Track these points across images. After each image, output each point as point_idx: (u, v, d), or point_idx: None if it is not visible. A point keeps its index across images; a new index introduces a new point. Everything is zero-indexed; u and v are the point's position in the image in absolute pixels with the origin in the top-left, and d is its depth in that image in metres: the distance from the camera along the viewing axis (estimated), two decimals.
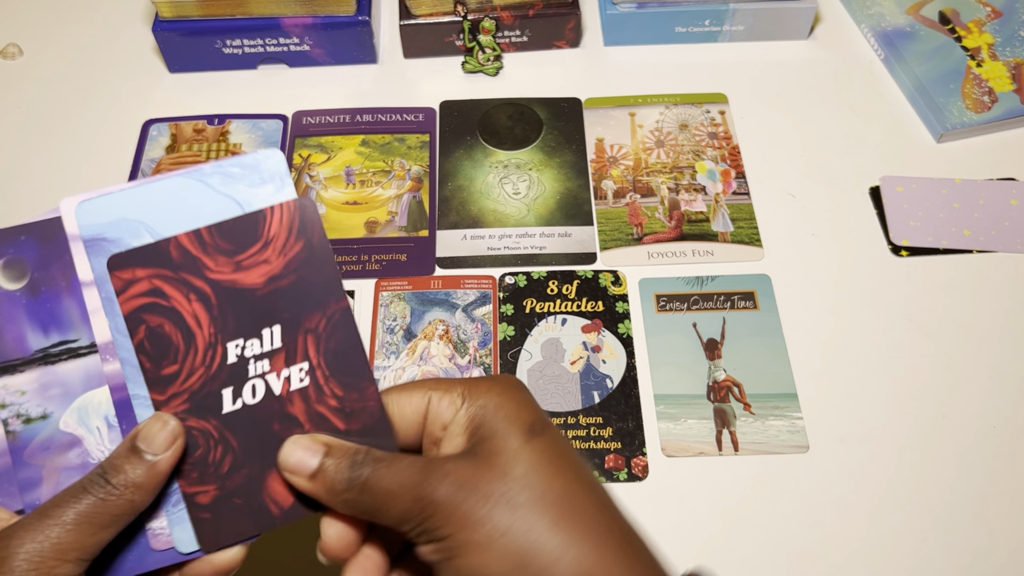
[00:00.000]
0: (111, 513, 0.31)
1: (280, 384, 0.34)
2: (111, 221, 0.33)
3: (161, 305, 0.33)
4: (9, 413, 0.34)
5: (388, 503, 0.31)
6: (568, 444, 0.34)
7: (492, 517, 0.30)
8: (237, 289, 0.34)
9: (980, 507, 0.53)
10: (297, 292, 0.34)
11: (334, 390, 0.34)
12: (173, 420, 0.33)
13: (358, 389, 0.35)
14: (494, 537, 0.30)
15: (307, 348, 0.34)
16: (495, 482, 0.31)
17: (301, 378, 0.34)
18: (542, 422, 0.33)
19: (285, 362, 0.34)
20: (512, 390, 0.34)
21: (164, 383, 0.33)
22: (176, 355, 0.33)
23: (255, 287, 0.34)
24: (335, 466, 0.32)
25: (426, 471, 0.31)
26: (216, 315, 0.33)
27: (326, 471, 0.32)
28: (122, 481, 0.31)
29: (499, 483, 0.31)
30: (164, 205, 0.34)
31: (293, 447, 0.33)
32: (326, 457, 0.33)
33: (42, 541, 0.30)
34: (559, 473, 0.32)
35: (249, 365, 0.34)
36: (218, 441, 0.34)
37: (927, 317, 0.60)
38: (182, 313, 0.33)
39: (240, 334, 0.34)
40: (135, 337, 0.33)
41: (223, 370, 0.34)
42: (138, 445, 0.32)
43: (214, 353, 0.33)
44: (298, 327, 0.34)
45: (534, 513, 0.30)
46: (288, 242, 0.34)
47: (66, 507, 0.30)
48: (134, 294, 0.33)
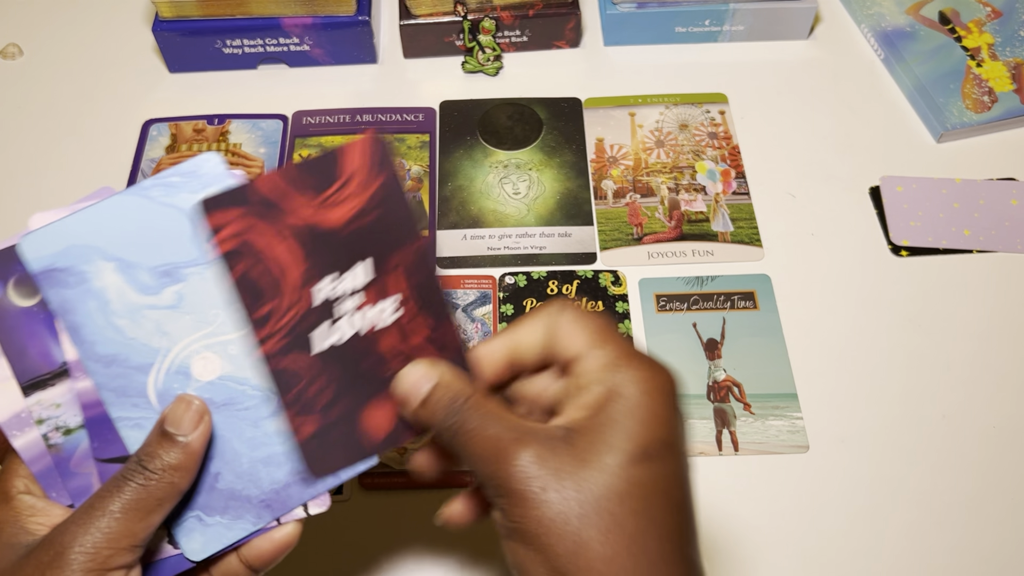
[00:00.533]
0: (155, 497, 0.31)
1: (372, 318, 0.35)
2: (60, 250, 0.34)
3: (252, 246, 0.33)
4: (49, 427, 0.34)
5: (471, 458, 0.31)
6: (677, 484, 0.31)
7: (553, 525, 0.29)
8: (324, 228, 0.34)
9: (980, 507, 0.53)
10: (381, 228, 0.34)
11: (427, 321, 0.35)
12: (197, 400, 0.33)
13: (443, 322, 0.35)
14: (546, 545, 0.29)
15: (398, 282, 0.35)
16: (572, 489, 0.29)
17: (395, 310, 0.35)
18: (664, 447, 0.30)
19: (376, 296, 0.34)
20: (656, 395, 0.31)
21: (260, 324, 0.34)
22: (268, 295, 0.34)
23: (341, 225, 0.34)
24: (437, 404, 0.33)
25: (517, 446, 0.30)
26: (305, 254, 0.34)
27: (428, 407, 0.33)
28: (159, 466, 0.31)
29: (575, 494, 0.29)
30: (111, 225, 0.34)
31: (407, 374, 0.34)
32: (435, 389, 0.33)
33: (94, 533, 0.30)
34: (640, 514, 0.29)
35: (340, 302, 0.34)
36: (315, 377, 0.34)
37: (927, 317, 0.60)
38: (272, 254, 0.33)
39: (330, 271, 0.34)
40: (231, 278, 0.33)
41: (315, 309, 0.34)
42: (167, 429, 0.32)
43: (305, 292, 0.34)
44: (386, 262, 0.34)
45: (590, 546, 0.28)
46: (368, 178, 0.34)
47: (111, 498, 0.31)
48: (226, 236, 0.33)
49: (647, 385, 0.31)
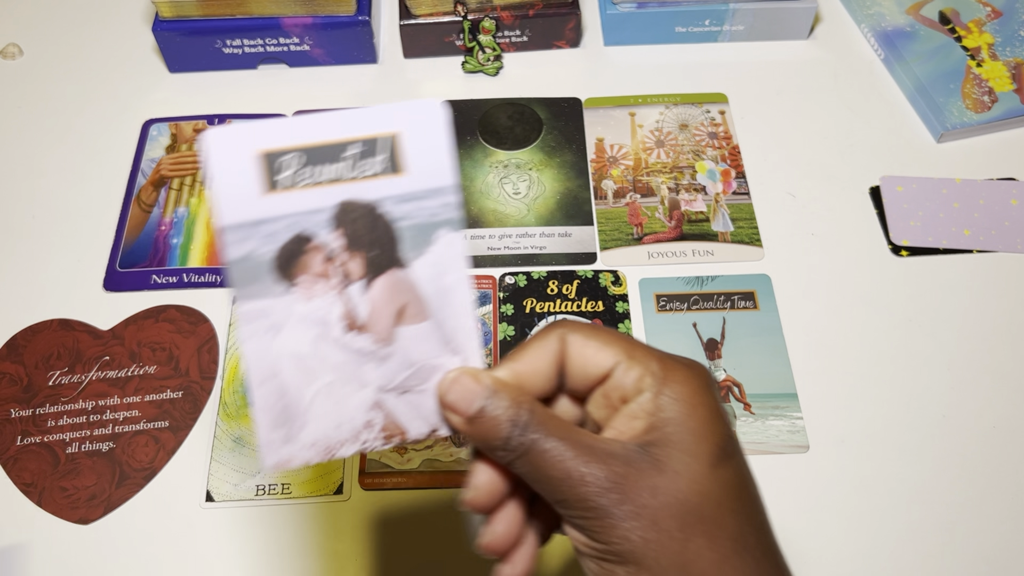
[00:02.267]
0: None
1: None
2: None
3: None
4: None
5: (541, 480, 0.30)
6: (751, 475, 0.31)
7: (656, 541, 0.28)
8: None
9: (980, 507, 0.53)
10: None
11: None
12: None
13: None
14: (653, 562, 0.28)
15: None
16: (667, 501, 0.28)
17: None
18: (732, 440, 0.30)
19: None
20: (704, 392, 0.30)
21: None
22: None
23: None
24: (496, 418, 0.30)
25: (597, 465, 0.29)
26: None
27: (487, 420, 0.30)
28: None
29: (672, 506, 0.28)
30: None
31: (454, 382, 0.31)
32: (489, 401, 0.30)
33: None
34: (737, 512, 0.29)
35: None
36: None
37: (927, 317, 0.60)
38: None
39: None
40: None
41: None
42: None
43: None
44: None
45: (700, 554, 0.28)
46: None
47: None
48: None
49: (694, 384, 0.30)
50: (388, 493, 0.53)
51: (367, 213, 0.31)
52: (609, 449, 0.30)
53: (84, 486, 0.53)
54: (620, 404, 0.31)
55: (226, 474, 0.54)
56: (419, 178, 0.31)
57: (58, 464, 0.54)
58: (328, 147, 0.31)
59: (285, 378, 0.32)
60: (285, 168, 0.30)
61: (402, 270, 0.32)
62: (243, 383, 0.57)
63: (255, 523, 0.52)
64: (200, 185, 0.66)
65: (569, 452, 0.29)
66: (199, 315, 0.60)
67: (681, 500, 0.28)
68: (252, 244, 0.30)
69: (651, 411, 0.30)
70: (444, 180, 0.32)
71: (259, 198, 0.30)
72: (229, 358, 0.58)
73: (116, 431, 0.55)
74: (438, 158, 0.31)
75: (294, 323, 0.31)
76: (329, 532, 0.52)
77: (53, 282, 0.62)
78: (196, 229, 0.64)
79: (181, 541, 0.52)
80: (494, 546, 0.32)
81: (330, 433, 0.32)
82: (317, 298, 0.31)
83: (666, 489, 0.29)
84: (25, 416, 0.56)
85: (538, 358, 0.32)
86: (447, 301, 0.32)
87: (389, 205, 0.31)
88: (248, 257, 0.31)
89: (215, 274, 0.62)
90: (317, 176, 0.31)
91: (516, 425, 0.30)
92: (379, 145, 0.31)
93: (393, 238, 0.32)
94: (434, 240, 0.32)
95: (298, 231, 0.31)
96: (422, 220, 0.32)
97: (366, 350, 0.32)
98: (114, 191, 0.66)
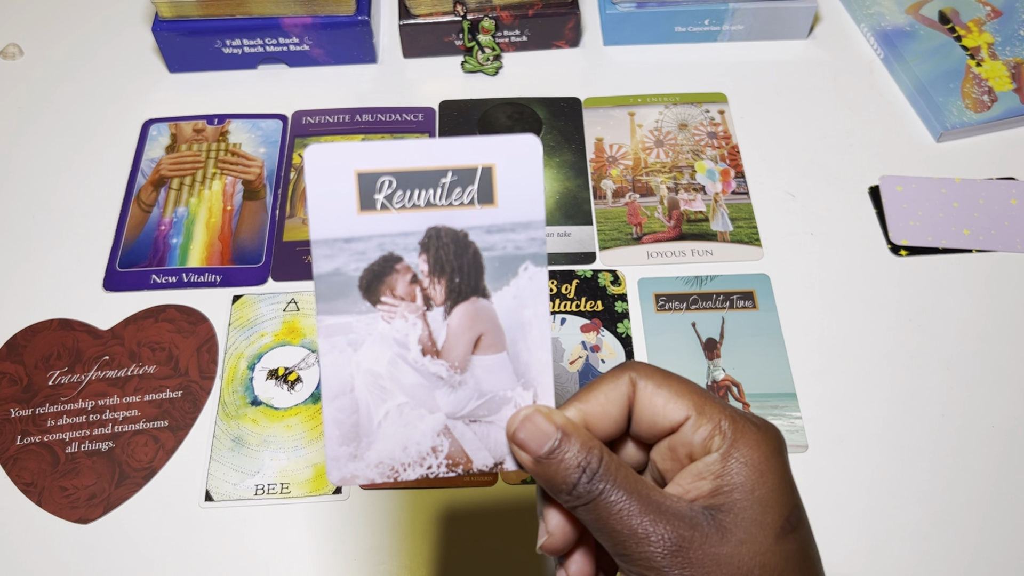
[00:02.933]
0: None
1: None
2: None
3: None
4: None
5: (604, 531, 0.29)
6: (814, 546, 0.30)
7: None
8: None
9: (979, 506, 0.53)
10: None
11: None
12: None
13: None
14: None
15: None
16: (729, 569, 0.28)
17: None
18: (798, 511, 0.30)
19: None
20: (775, 458, 0.30)
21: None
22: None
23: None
24: (565, 462, 0.30)
25: (662, 525, 0.29)
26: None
27: (555, 464, 0.30)
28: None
29: (734, 574, 0.28)
30: None
31: (526, 420, 0.31)
32: (563, 445, 0.30)
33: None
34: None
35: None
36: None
37: (926, 317, 0.60)
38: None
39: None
40: None
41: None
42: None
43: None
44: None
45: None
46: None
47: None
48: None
49: (765, 450, 0.30)
50: (387, 493, 0.53)
51: (455, 240, 0.32)
52: (675, 509, 0.29)
53: (84, 486, 0.53)
54: (687, 460, 0.31)
55: (225, 474, 0.54)
56: (509, 211, 0.32)
57: (58, 464, 0.54)
58: (424, 172, 0.31)
59: (358, 395, 0.32)
60: (380, 190, 0.31)
61: (483, 300, 0.32)
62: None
63: (254, 523, 0.52)
64: (199, 185, 0.67)
65: (635, 507, 0.29)
66: (199, 315, 0.60)
67: (744, 571, 0.28)
68: (341, 260, 0.31)
69: (719, 473, 0.29)
70: (534, 215, 0.32)
71: (352, 216, 0.31)
72: (228, 358, 0.58)
73: (116, 431, 0.55)
74: (530, 193, 0.32)
75: (373, 341, 0.32)
76: (328, 532, 0.52)
77: (53, 282, 0.62)
78: (196, 229, 0.64)
79: (180, 541, 0.52)
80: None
81: (396, 454, 0.32)
82: (398, 319, 0.32)
83: (729, 559, 0.28)
84: (25, 416, 0.56)
85: (608, 401, 0.31)
86: (524, 335, 0.32)
87: (477, 235, 0.32)
88: (336, 272, 0.31)
89: (214, 274, 0.62)
90: (410, 200, 0.31)
91: (585, 471, 0.29)
92: (473, 175, 0.31)
93: (478, 267, 0.32)
94: (518, 273, 0.32)
95: (387, 252, 0.31)
96: (508, 252, 0.32)
97: (440, 375, 0.33)
98: (114, 191, 0.67)
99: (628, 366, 0.32)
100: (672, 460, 0.31)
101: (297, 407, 0.56)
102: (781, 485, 0.30)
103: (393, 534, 0.52)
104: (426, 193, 0.31)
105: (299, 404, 0.56)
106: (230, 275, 0.62)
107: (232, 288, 0.61)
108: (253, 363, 0.58)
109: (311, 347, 0.59)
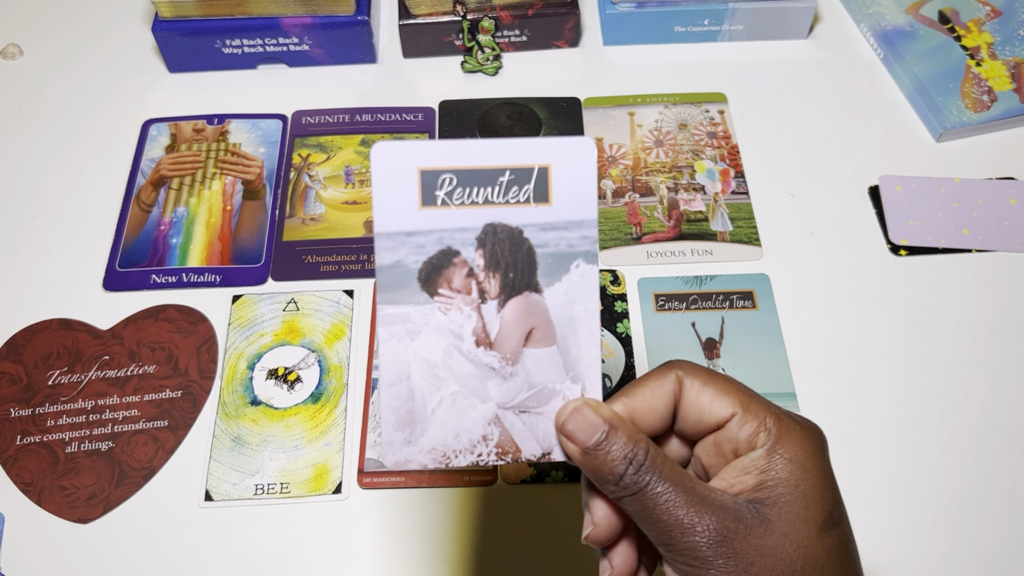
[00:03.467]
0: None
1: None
2: None
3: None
4: None
5: (650, 522, 0.30)
6: (854, 541, 0.31)
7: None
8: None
9: (979, 506, 0.53)
10: None
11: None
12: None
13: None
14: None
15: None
16: (772, 562, 0.29)
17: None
18: (840, 507, 0.31)
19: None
20: (818, 455, 0.31)
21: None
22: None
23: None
24: (612, 453, 0.30)
25: (707, 517, 0.29)
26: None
27: (602, 455, 0.30)
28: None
29: (776, 567, 0.29)
30: None
31: (575, 412, 0.32)
32: (610, 437, 0.31)
33: None
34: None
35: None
36: None
37: (926, 316, 0.60)
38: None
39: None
40: None
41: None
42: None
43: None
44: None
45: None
46: None
47: None
48: None
49: (809, 447, 0.31)
50: (387, 492, 0.53)
51: (511, 237, 0.33)
52: (720, 501, 0.30)
53: (83, 485, 0.53)
54: (731, 456, 0.31)
55: (225, 473, 0.54)
56: (563, 209, 0.33)
57: (57, 463, 0.54)
58: (483, 171, 0.33)
59: (414, 383, 0.33)
60: (441, 186, 0.32)
61: (536, 295, 0.34)
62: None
63: (254, 523, 0.52)
64: (199, 185, 0.67)
65: (681, 498, 0.29)
66: (198, 315, 0.60)
67: (787, 563, 0.29)
68: (402, 253, 0.33)
69: (763, 469, 0.30)
70: (587, 214, 0.33)
71: (414, 211, 0.33)
72: (228, 358, 0.58)
73: (115, 430, 0.55)
74: (584, 192, 0.33)
75: (429, 331, 0.33)
76: (328, 532, 0.52)
77: (53, 282, 0.62)
78: (195, 229, 0.64)
79: (180, 540, 0.52)
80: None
81: (448, 441, 0.34)
82: (454, 311, 0.33)
83: (773, 550, 0.29)
84: (24, 416, 0.56)
85: (654, 397, 0.32)
86: (574, 329, 0.34)
87: (532, 232, 0.33)
88: (397, 264, 0.33)
89: (214, 274, 0.62)
90: (469, 197, 0.33)
91: (631, 463, 0.30)
92: (530, 174, 0.33)
93: (532, 263, 0.33)
94: (569, 270, 0.33)
95: (445, 246, 0.33)
96: (561, 249, 0.33)
97: (492, 366, 0.34)
98: (114, 191, 0.67)
99: (674, 364, 0.33)
100: (717, 456, 0.32)
101: (297, 407, 0.56)
102: (824, 481, 0.30)
103: (393, 534, 0.52)
104: (484, 190, 0.33)
105: (299, 404, 0.56)
106: (230, 275, 0.62)
107: (232, 288, 0.61)
108: (253, 363, 0.58)
109: (310, 347, 0.59)
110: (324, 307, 0.60)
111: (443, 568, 0.51)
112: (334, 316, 0.60)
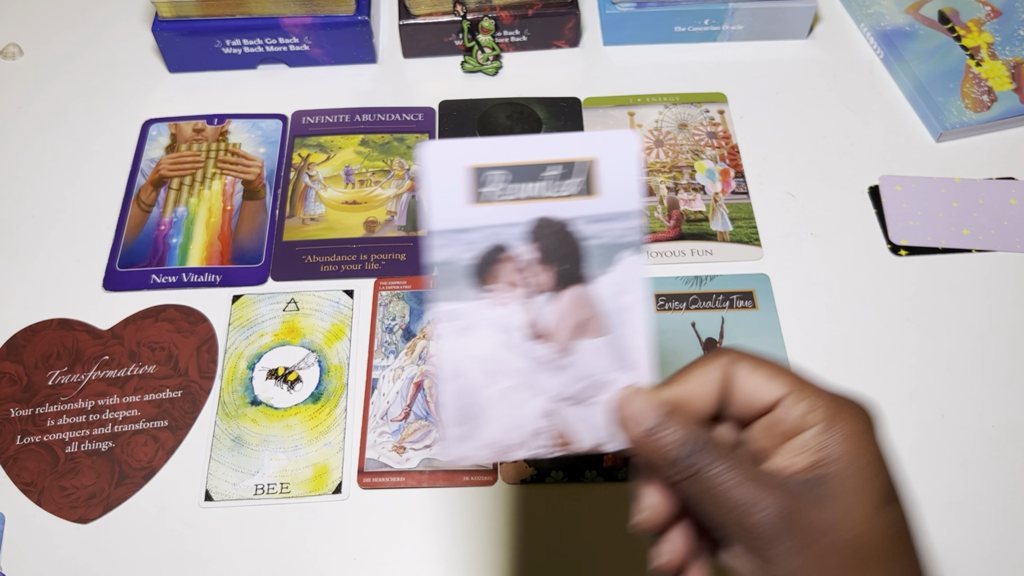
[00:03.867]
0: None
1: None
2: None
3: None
4: None
5: (706, 504, 0.30)
6: (910, 519, 0.31)
7: (800, 573, 0.28)
8: None
9: (978, 506, 0.53)
10: None
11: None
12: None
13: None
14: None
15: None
16: (832, 541, 0.29)
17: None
18: (896, 483, 0.31)
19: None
20: (872, 432, 0.31)
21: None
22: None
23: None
24: (669, 439, 0.31)
25: (765, 497, 0.29)
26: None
27: (659, 439, 0.31)
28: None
29: (836, 545, 0.29)
30: None
31: (630, 399, 0.32)
32: (666, 422, 0.31)
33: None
34: (900, 557, 0.29)
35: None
36: None
37: (926, 316, 0.60)
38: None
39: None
40: None
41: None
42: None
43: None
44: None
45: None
46: None
47: None
48: None
49: (864, 424, 0.31)
50: (387, 492, 0.53)
51: (560, 230, 0.33)
52: (776, 480, 0.30)
53: (83, 485, 0.53)
54: (783, 438, 0.31)
55: (225, 473, 0.54)
56: (609, 201, 0.34)
57: (57, 463, 0.54)
58: (531, 167, 0.33)
59: (470, 378, 0.34)
60: (491, 183, 0.33)
61: (586, 286, 0.34)
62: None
63: (254, 522, 0.52)
64: (199, 185, 0.67)
65: (739, 478, 0.30)
66: (198, 315, 0.60)
67: (846, 540, 0.29)
68: (454, 250, 0.33)
69: (817, 447, 0.30)
70: (632, 205, 0.34)
71: (465, 208, 0.33)
72: (228, 358, 0.58)
73: (115, 430, 0.55)
74: (628, 184, 0.34)
75: (483, 327, 0.34)
76: (328, 532, 0.52)
77: (53, 282, 0.62)
78: (195, 229, 0.64)
79: (180, 540, 0.52)
80: (666, 567, 0.33)
81: (504, 435, 0.34)
82: (506, 305, 0.34)
83: (832, 527, 0.29)
84: (24, 416, 0.56)
85: (704, 383, 0.32)
86: (625, 319, 0.34)
87: (580, 224, 0.33)
88: (450, 261, 0.33)
89: (214, 274, 0.62)
90: (518, 192, 0.33)
91: (686, 446, 0.30)
92: (577, 168, 0.33)
93: (581, 255, 0.34)
94: (617, 260, 0.34)
95: (496, 242, 0.33)
96: (609, 240, 0.34)
97: (545, 359, 0.34)
98: (114, 191, 0.67)
99: (723, 351, 0.33)
100: (768, 439, 0.32)
101: (297, 407, 0.56)
102: (879, 457, 0.30)
103: (393, 534, 0.52)
104: (533, 185, 0.33)
105: (299, 404, 0.56)
106: (230, 275, 0.62)
107: (232, 288, 0.61)
108: (253, 363, 0.58)
109: (310, 347, 0.59)
110: (324, 307, 0.60)
111: (443, 568, 0.51)
112: (334, 316, 0.60)
